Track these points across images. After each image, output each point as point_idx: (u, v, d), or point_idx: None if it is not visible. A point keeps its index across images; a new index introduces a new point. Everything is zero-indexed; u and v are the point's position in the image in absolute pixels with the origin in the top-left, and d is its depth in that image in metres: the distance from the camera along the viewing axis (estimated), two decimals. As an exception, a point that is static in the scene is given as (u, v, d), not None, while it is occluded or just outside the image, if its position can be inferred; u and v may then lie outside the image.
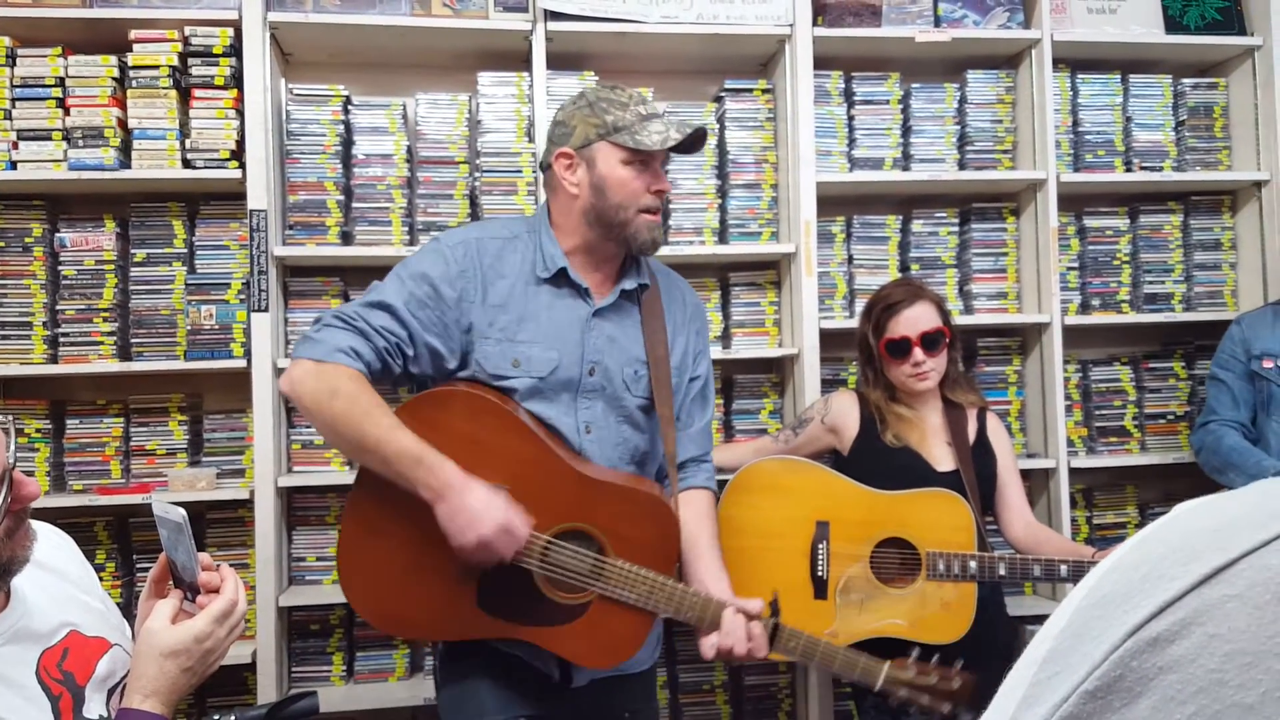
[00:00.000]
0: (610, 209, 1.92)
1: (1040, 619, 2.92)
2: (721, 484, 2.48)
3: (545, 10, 2.87)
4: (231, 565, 2.91)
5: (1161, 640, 0.34)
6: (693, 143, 1.97)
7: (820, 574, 2.38)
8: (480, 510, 1.74)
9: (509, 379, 1.89)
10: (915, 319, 2.45)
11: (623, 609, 1.88)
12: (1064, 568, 2.31)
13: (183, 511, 1.22)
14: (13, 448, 1.13)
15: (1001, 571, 2.32)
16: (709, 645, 1.86)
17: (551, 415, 1.91)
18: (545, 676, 1.96)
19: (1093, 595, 0.37)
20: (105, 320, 2.78)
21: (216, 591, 1.28)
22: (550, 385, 1.91)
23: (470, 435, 1.86)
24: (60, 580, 1.34)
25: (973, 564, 2.33)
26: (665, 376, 1.99)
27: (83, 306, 2.78)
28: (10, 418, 1.15)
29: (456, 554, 1.78)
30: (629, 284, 2.00)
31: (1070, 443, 3.16)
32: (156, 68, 2.76)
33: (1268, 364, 2.83)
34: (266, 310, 2.73)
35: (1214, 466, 2.86)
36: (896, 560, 2.39)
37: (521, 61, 2.97)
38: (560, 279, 1.95)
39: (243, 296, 2.81)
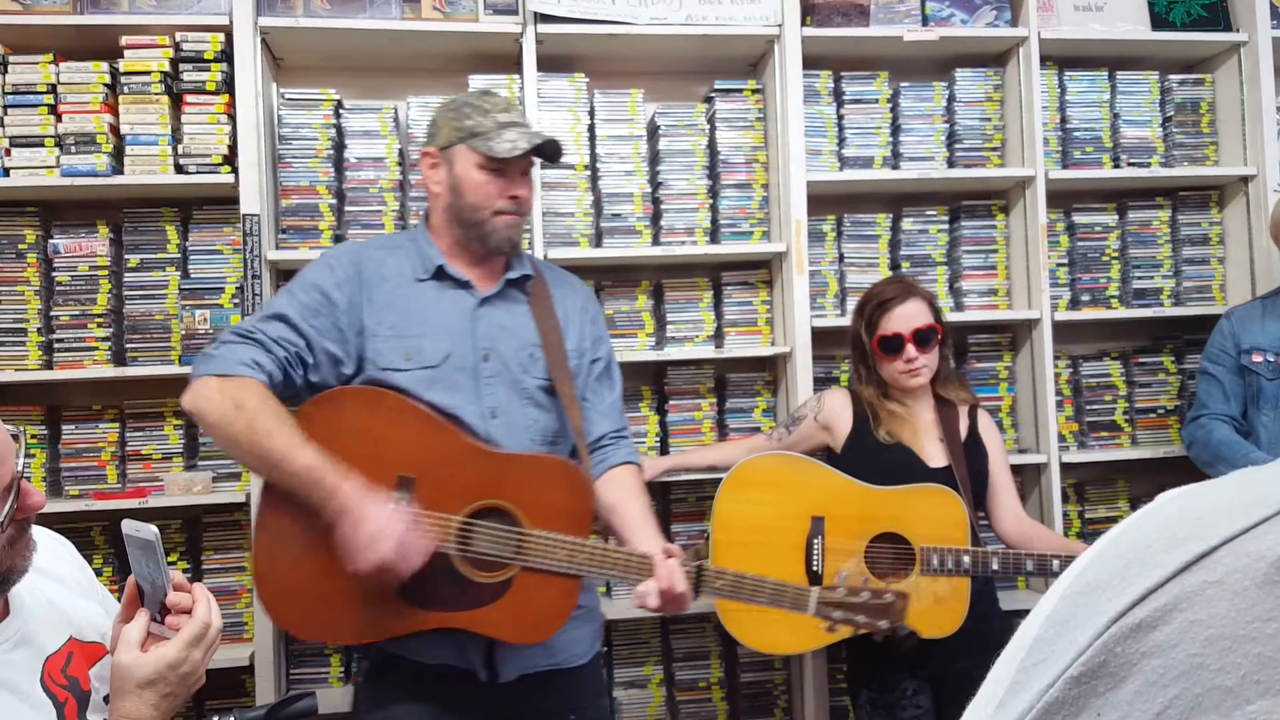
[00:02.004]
0: (465, 209, 2.00)
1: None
2: (716, 481, 2.49)
3: (535, 13, 2.87)
4: (228, 568, 2.92)
5: (1144, 626, 0.35)
6: (553, 154, 2.05)
7: (815, 569, 2.39)
8: (374, 535, 1.74)
9: (403, 371, 1.93)
10: (908, 316, 2.47)
11: (547, 578, 1.88)
12: (1056, 562, 2.33)
13: (154, 529, 1.20)
14: (21, 456, 1.13)
15: (994, 566, 2.34)
16: (650, 593, 1.85)
17: (455, 404, 1.94)
18: (474, 680, 1.94)
19: (1077, 583, 0.38)
20: (100, 326, 2.78)
21: (188, 612, 1.24)
22: (445, 373, 1.95)
23: (370, 429, 1.88)
24: (60, 585, 1.34)
25: (966, 559, 2.34)
26: (561, 359, 2.04)
27: (77, 312, 2.78)
28: (22, 429, 1.15)
29: (363, 575, 1.78)
30: (513, 274, 2.07)
31: (1061, 438, 3.17)
32: (148, 74, 2.76)
33: (1257, 358, 2.85)
34: (260, 314, 2.73)
35: (1204, 460, 2.88)
36: (891, 555, 2.40)
37: (512, 64, 2.98)
38: (440, 276, 2.02)
39: (236, 301, 2.81)
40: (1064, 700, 0.36)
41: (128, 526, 1.23)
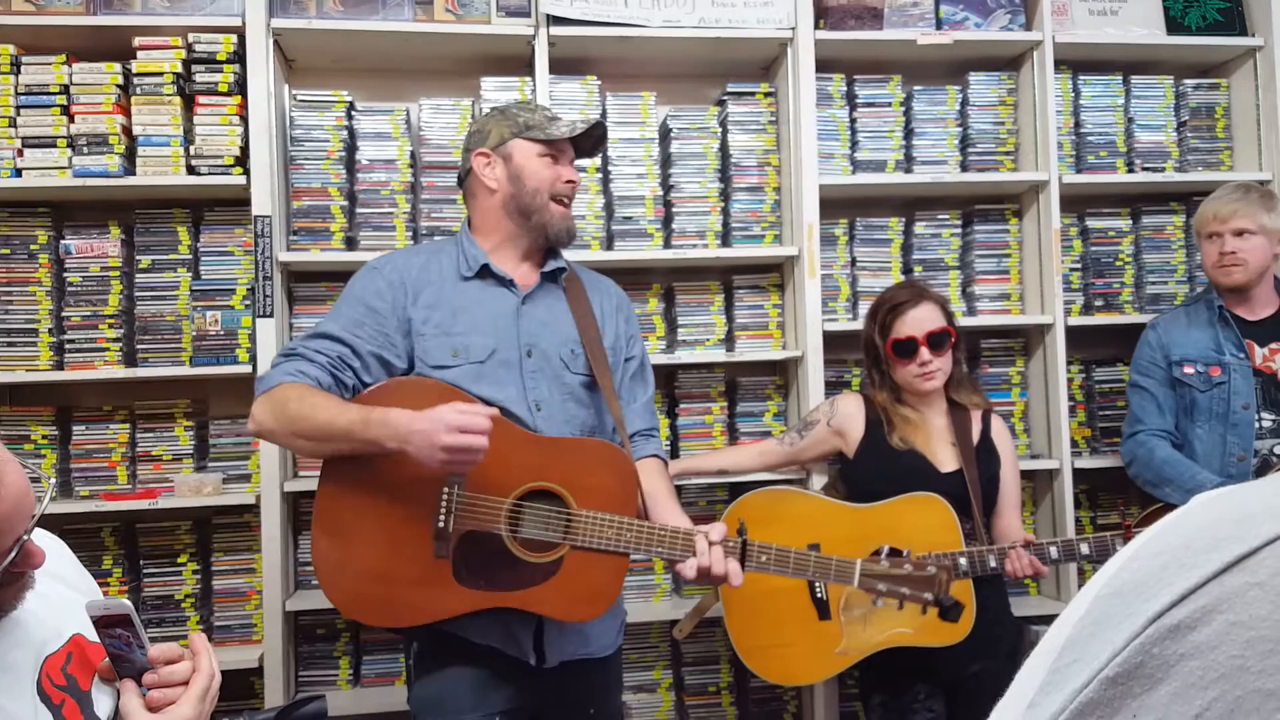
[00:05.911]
0: (527, 195, 2.10)
1: (1044, 619, 2.92)
2: (727, 485, 2.48)
3: (548, 15, 2.87)
4: (238, 570, 2.92)
5: (1183, 627, 0.34)
6: (594, 144, 2.21)
7: (820, 595, 2.40)
8: (428, 427, 1.76)
9: (451, 368, 2.00)
10: (921, 319, 2.47)
11: (596, 557, 1.94)
12: (1054, 550, 2.33)
13: (127, 602, 1.18)
14: (39, 511, 1.12)
15: (992, 564, 2.33)
16: (690, 566, 1.91)
17: (503, 398, 1.99)
18: (519, 664, 2.00)
19: (1112, 584, 0.38)
20: (111, 327, 2.78)
21: (173, 661, 1.25)
22: (491, 369, 2.01)
23: None
24: (62, 585, 1.33)
25: (963, 561, 2.34)
26: (601, 356, 2.11)
27: (88, 313, 2.78)
28: (54, 482, 1.14)
29: (452, 472, 1.83)
30: (549, 268, 2.15)
31: (1074, 443, 3.15)
32: (161, 75, 2.77)
33: (1188, 370, 2.78)
34: (271, 315, 2.74)
35: (1148, 480, 2.78)
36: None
37: (524, 66, 2.98)
38: (484, 274, 2.10)
39: (248, 302, 2.81)
40: (1099, 701, 0.35)
41: (94, 608, 1.19)
